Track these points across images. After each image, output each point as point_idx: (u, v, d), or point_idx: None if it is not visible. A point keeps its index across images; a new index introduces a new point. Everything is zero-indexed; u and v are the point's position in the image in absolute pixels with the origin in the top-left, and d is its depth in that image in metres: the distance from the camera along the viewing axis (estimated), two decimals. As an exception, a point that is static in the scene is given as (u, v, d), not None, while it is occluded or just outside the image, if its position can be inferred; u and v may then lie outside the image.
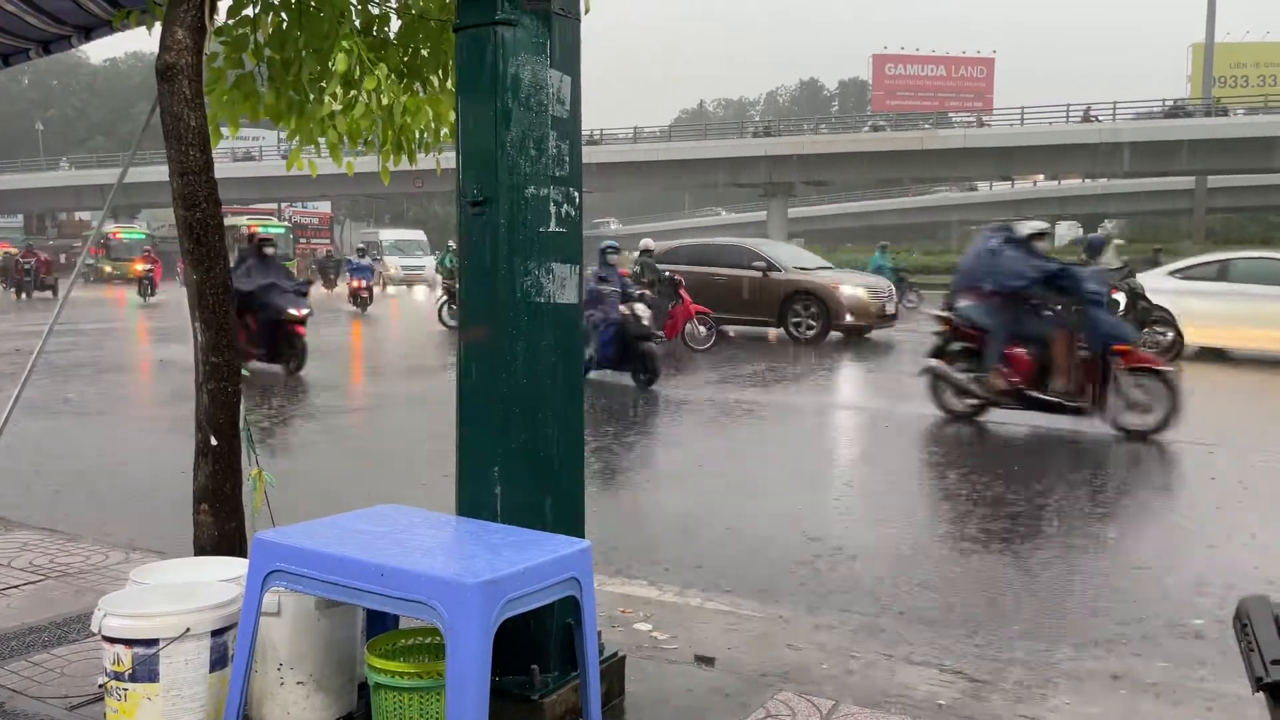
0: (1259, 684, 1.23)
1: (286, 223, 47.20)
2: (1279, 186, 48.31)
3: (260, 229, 44.08)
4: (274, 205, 57.25)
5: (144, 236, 43.77)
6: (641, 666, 3.20)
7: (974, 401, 8.63)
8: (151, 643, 2.49)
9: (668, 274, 14.74)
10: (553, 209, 2.72)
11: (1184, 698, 3.26)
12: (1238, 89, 58.57)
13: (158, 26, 3.33)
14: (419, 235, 46.16)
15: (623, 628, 3.65)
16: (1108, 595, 4.32)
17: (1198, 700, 3.24)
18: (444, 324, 17.87)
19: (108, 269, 42.32)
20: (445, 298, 18.44)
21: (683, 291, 14.47)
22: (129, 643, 2.49)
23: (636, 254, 15.70)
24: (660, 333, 13.40)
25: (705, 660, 3.36)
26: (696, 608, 4.02)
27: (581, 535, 2.75)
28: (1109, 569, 4.72)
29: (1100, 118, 43.35)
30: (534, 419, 2.72)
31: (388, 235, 45.28)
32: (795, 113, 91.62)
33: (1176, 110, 42.96)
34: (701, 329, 14.39)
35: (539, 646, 2.68)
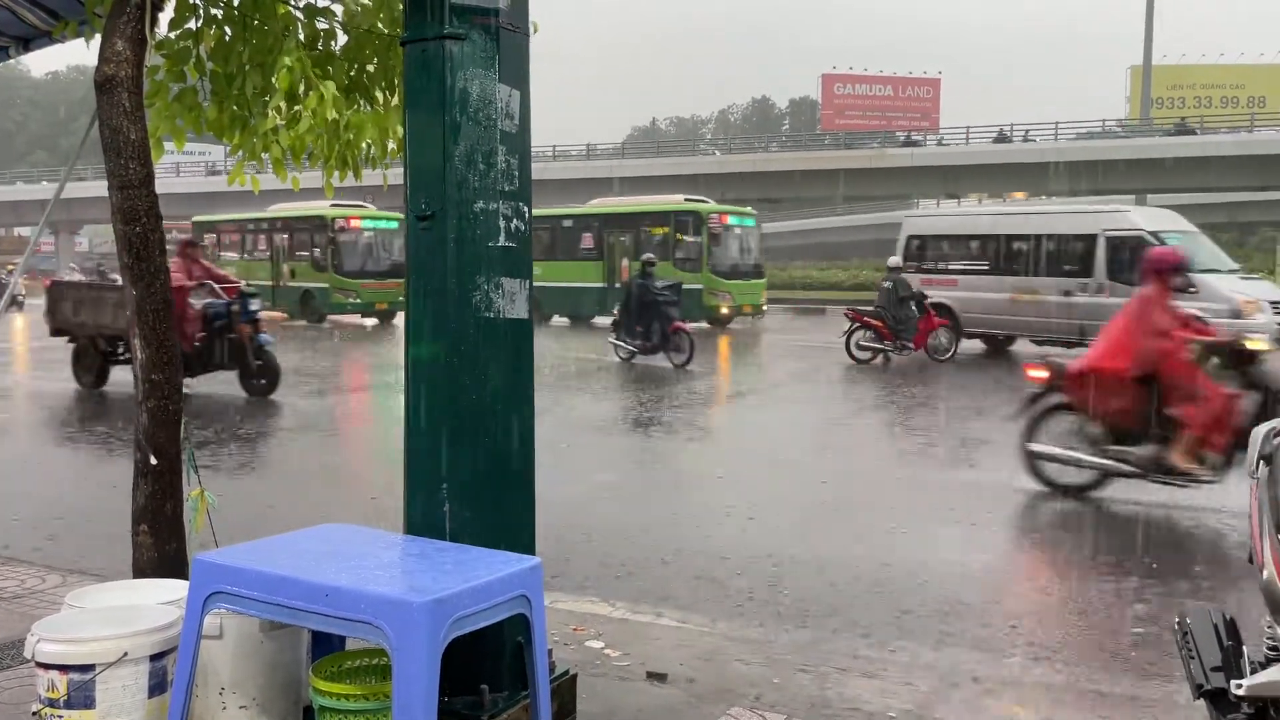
0: (1199, 691, 1.25)
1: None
2: (1217, 205, 49.68)
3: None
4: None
5: (395, 225, 28.20)
6: (593, 684, 3.17)
7: None
8: (87, 668, 2.42)
9: (918, 290, 15.69)
10: (502, 224, 2.70)
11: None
12: (1175, 110, 60.14)
13: (97, 38, 3.27)
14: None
15: (575, 645, 3.62)
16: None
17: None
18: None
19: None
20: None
21: (928, 305, 15.64)
22: (64, 668, 2.42)
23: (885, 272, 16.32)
24: (910, 344, 15.18)
25: (657, 677, 3.34)
26: (649, 624, 4.00)
27: (532, 552, 2.73)
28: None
29: (1042, 138, 44.29)
30: (483, 435, 2.69)
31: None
32: (747, 130, 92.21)
33: (1113, 131, 43.98)
34: (943, 340, 15.69)
35: (489, 666, 2.64)
